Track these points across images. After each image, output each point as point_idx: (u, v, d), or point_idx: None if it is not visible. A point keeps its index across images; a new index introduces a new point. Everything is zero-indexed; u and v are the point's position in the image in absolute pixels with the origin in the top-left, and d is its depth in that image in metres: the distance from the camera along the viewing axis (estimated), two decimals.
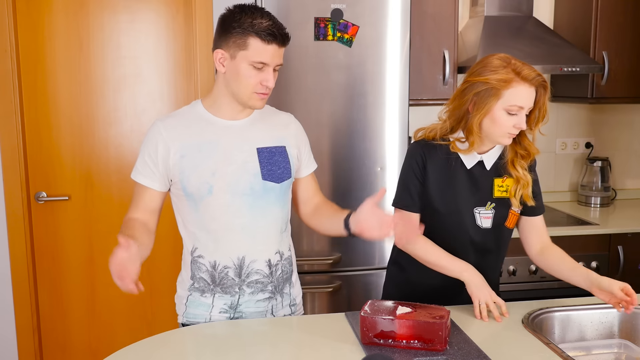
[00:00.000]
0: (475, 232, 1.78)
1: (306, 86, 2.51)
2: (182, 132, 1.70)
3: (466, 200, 1.77)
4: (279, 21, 1.66)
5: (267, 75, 1.64)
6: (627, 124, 3.45)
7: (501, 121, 1.66)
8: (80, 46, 2.76)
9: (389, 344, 1.51)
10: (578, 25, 3.11)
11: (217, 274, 1.73)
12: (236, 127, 1.73)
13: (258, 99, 1.67)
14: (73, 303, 2.89)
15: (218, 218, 1.70)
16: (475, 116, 1.68)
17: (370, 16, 2.50)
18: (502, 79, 1.63)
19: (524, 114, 1.65)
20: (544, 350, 1.51)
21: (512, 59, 1.67)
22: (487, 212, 1.78)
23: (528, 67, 1.65)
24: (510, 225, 1.81)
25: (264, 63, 1.63)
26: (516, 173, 1.75)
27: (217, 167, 1.68)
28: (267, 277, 1.76)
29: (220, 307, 1.75)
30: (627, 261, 2.82)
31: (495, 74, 1.64)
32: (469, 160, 1.76)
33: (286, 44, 1.67)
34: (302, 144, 1.84)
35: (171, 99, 2.87)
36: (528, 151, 1.76)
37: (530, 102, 1.65)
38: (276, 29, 1.63)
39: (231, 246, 1.72)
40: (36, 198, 2.80)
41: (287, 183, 1.78)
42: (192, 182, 1.67)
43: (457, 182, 1.76)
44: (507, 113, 1.65)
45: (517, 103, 1.63)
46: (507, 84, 1.63)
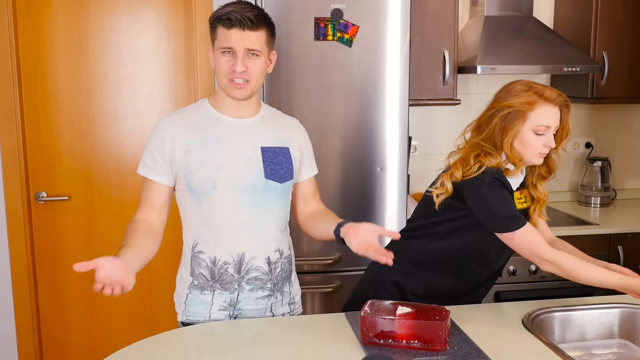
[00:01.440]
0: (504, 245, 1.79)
1: (306, 86, 2.51)
2: (188, 127, 1.73)
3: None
4: (249, 6, 1.67)
5: (235, 59, 1.66)
6: (627, 124, 3.45)
7: (531, 142, 1.73)
8: (80, 46, 2.76)
9: (389, 344, 1.51)
10: (578, 25, 3.11)
11: (216, 269, 1.74)
12: (242, 125, 1.76)
13: (234, 87, 1.69)
14: (73, 303, 2.89)
15: (220, 214, 1.72)
16: (504, 139, 1.74)
17: (370, 16, 2.50)
18: (526, 101, 1.71)
19: (551, 133, 1.73)
20: (544, 350, 1.51)
21: (533, 83, 1.75)
22: None
23: (549, 88, 1.74)
24: None
25: (229, 47, 1.66)
26: (537, 194, 1.84)
27: (221, 163, 1.70)
28: (267, 275, 1.77)
29: (219, 304, 1.76)
30: (627, 261, 2.82)
31: (518, 97, 1.73)
32: (515, 183, 1.81)
33: (252, 28, 1.66)
34: (304, 148, 1.86)
35: (171, 99, 2.87)
36: (550, 170, 1.84)
37: (556, 121, 1.73)
38: (236, 13, 1.65)
39: (231, 242, 1.73)
40: (36, 198, 2.80)
41: (289, 184, 1.79)
42: (197, 177, 1.70)
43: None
44: (535, 134, 1.73)
45: (544, 123, 1.71)
46: (532, 105, 1.71)
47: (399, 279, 1.91)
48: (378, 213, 2.61)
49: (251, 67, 1.68)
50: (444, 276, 1.86)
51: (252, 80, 1.70)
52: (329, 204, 2.57)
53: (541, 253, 1.68)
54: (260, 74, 1.71)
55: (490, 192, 1.73)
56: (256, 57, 1.69)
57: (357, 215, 2.60)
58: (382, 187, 2.61)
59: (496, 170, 1.74)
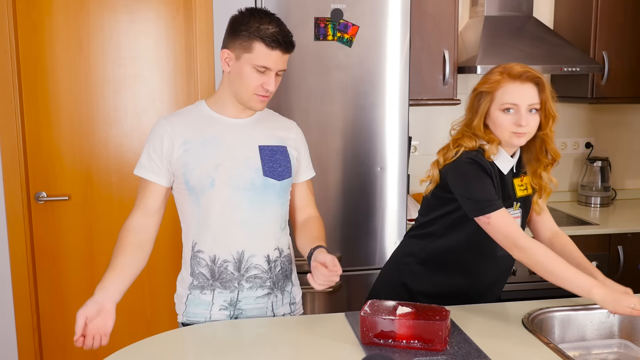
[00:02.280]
0: None
1: (306, 86, 2.51)
2: (186, 128, 1.74)
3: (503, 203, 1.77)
4: (286, 28, 1.69)
5: (268, 79, 1.69)
6: (627, 124, 3.45)
7: (500, 121, 1.72)
8: (80, 46, 2.76)
9: (389, 344, 1.51)
10: (578, 25, 3.11)
11: (216, 268, 1.74)
12: (239, 125, 1.78)
13: (258, 100, 1.72)
14: (73, 303, 2.89)
15: (218, 212, 1.72)
16: (474, 120, 1.76)
17: (370, 16, 2.50)
18: (493, 80, 1.72)
19: (522, 112, 1.69)
20: (544, 350, 1.51)
21: (508, 64, 1.74)
22: (515, 212, 1.81)
23: (520, 65, 1.71)
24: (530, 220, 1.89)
25: (267, 67, 1.67)
26: (541, 183, 1.82)
27: (219, 161, 1.71)
28: (266, 273, 1.77)
29: (220, 304, 1.76)
30: (627, 261, 2.82)
31: (488, 79, 1.74)
32: (506, 166, 1.79)
33: (290, 51, 1.71)
34: (301, 149, 1.87)
35: (171, 99, 2.87)
36: (553, 158, 1.80)
37: (525, 99, 1.69)
38: (281, 36, 1.66)
39: (230, 240, 1.74)
40: (36, 198, 2.80)
41: (287, 182, 1.80)
42: (195, 175, 1.70)
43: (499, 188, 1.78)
44: (503, 113, 1.71)
45: (509, 100, 1.70)
46: (498, 84, 1.71)
47: (406, 280, 1.92)
48: (378, 213, 2.62)
49: (275, 86, 1.72)
50: (450, 273, 1.87)
51: (271, 96, 1.74)
52: (329, 204, 2.58)
53: (515, 238, 1.64)
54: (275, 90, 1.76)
55: (465, 174, 1.73)
56: (279, 75, 1.73)
57: (357, 215, 2.60)
58: (382, 187, 2.61)
59: (474, 153, 1.75)
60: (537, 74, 1.71)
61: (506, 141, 1.75)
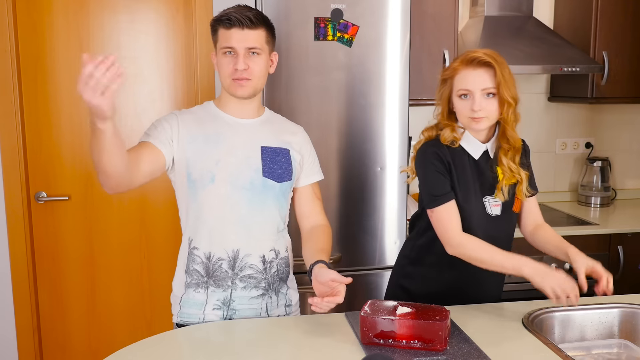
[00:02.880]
0: (487, 220, 1.80)
1: (306, 86, 2.51)
2: (193, 123, 1.77)
3: (477, 190, 1.80)
4: (248, 7, 1.73)
5: (236, 59, 1.70)
6: (627, 124, 3.45)
7: (458, 107, 1.75)
8: (80, 46, 2.75)
9: (389, 344, 1.51)
10: (578, 25, 3.11)
11: (211, 265, 1.75)
12: (244, 125, 1.80)
13: (237, 85, 1.73)
14: (73, 303, 2.89)
15: (216, 208, 1.73)
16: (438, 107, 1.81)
17: (370, 16, 2.50)
18: (451, 68, 1.76)
19: (477, 97, 1.70)
20: (544, 350, 1.51)
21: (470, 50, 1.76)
22: (495, 200, 1.80)
23: (475, 51, 1.73)
24: (517, 210, 1.86)
25: (230, 47, 1.70)
26: (502, 167, 1.79)
27: (220, 156, 1.73)
28: (261, 273, 1.77)
29: (213, 303, 1.76)
30: (627, 261, 2.82)
31: (448, 68, 1.78)
32: (475, 151, 1.79)
33: (251, 27, 1.70)
34: (305, 153, 1.86)
35: (171, 99, 2.87)
36: (510, 144, 1.77)
37: (476, 84, 1.70)
38: (235, 13, 1.69)
39: (226, 238, 1.74)
40: (36, 198, 2.80)
41: (287, 185, 1.79)
42: (197, 169, 1.72)
43: (466, 174, 1.79)
44: (460, 99, 1.73)
45: (462, 86, 1.72)
46: (455, 71, 1.74)
47: (403, 282, 1.93)
48: (378, 213, 2.61)
49: (252, 66, 1.71)
50: (438, 269, 1.86)
51: (254, 79, 1.73)
52: (329, 204, 2.58)
53: (449, 237, 1.72)
54: (261, 73, 1.75)
55: (419, 166, 1.80)
56: (257, 55, 1.72)
57: (357, 215, 2.60)
58: (382, 187, 2.61)
59: (432, 142, 1.79)
60: (489, 59, 1.69)
61: (467, 126, 1.77)
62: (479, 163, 1.80)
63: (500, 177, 1.78)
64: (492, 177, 1.80)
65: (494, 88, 1.69)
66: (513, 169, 1.78)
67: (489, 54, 1.71)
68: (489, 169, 1.80)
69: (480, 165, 1.80)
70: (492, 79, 1.69)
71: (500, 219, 1.82)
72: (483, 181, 1.79)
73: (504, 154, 1.78)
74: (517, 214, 1.88)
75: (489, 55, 1.70)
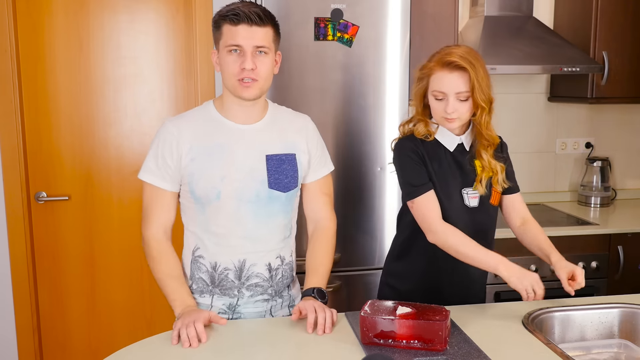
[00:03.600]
0: (465, 212, 1.82)
1: (306, 86, 2.51)
2: (192, 132, 1.68)
3: (454, 182, 1.81)
4: (255, 4, 1.64)
5: (244, 58, 1.60)
6: (627, 124, 3.45)
7: (433, 107, 1.76)
8: (80, 46, 2.76)
9: (389, 344, 1.51)
10: (578, 25, 3.11)
11: (217, 275, 1.73)
12: (247, 132, 1.71)
13: (243, 87, 1.63)
14: (73, 303, 2.89)
15: (222, 223, 1.69)
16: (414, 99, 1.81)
17: (370, 16, 2.50)
18: (428, 67, 1.76)
19: (451, 100, 1.71)
20: (544, 350, 1.51)
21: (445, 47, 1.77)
22: (474, 192, 1.82)
23: (452, 54, 1.71)
24: (495, 203, 1.86)
25: (237, 45, 1.60)
26: (482, 161, 1.81)
27: (225, 172, 1.67)
28: (267, 281, 1.76)
29: (219, 307, 1.75)
30: (627, 261, 2.82)
31: (425, 66, 1.77)
32: (450, 144, 1.82)
33: (259, 24, 1.61)
34: (313, 149, 1.81)
35: (171, 99, 2.87)
36: (489, 141, 1.80)
37: (451, 88, 1.70)
38: (243, 8, 1.59)
39: (233, 249, 1.71)
40: (36, 198, 2.80)
41: (293, 192, 1.76)
42: (201, 186, 1.66)
43: (443, 167, 1.81)
44: (435, 99, 1.74)
45: (437, 89, 1.73)
46: (431, 70, 1.74)
47: (389, 280, 1.96)
48: (378, 213, 2.61)
49: (259, 66, 1.62)
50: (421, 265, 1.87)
51: (261, 79, 1.64)
52: None
53: (429, 223, 1.74)
54: (268, 73, 1.66)
55: (395, 160, 1.82)
56: (264, 55, 1.63)
57: (357, 215, 2.60)
58: (381, 188, 2.61)
59: (408, 137, 1.82)
60: (464, 63, 1.68)
61: (440, 124, 1.79)
62: (455, 155, 1.82)
63: (479, 171, 1.81)
64: (469, 169, 1.82)
65: (468, 92, 1.70)
66: (492, 163, 1.80)
67: (465, 56, 1.69)
68: (466, 161, 1.82)
69: (456, 158, 1.82)
70: (466, 83, 1.70)
71: (478, 210, 1.83)
72: (460, 173, 1.81)
73: (484, 149, 1.80)
74: (496, 207, 1.89)
75: (464, 59, 1.69)
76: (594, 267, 2.80)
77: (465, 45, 1.79)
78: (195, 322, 1.52)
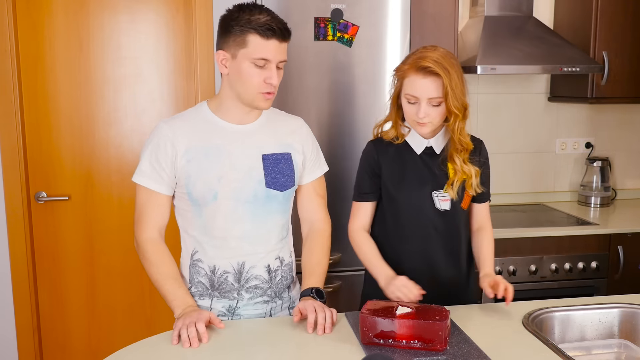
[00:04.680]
0: (435, 215, 1.82)
1: (306, 86, 2.51)
2: (188, 134, 1.67)
3: (423, 185, 1.81)
4: (278, 16, 1.63)
5: (270, 72, 1.61)
6: (627, 124, 3.45)
7: (406, 109, 1.76)
8: (80, 46, 2.76)
9: (389, 344, 1.51)
10: (578, 25, 3.11)
11: (216, 278, 1.72)
12: (243, 132, 1.71)
13: (263, 99, 1.64)
14: (73, 303, 2.89)
15: (220, 224, 1.69)
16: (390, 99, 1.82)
17: (370, 16, 2.50)
18: (403, 69, 1.74)
19: (423, 105, 1.70)
20: (544, 350, 1.51)
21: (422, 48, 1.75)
22: (444, 195, 1.81)
23: (427, 58, 1.69)
24: (465, 206, 1.86)
25: (266, 60, 1.59)
26: (454, 165, 1.80)
27: (222, 173, 1.66)
28: (267, 283, 1.76)
29: (218, 309, 1.75)
30: (627, 261, 2.82)
31: (400, 68, 1.76)
32: (418, 146, 1.83)
33: (287, 39, 1.63)
34: (308, 150, 1.81)
35: (171, 99, 2.87)
36: (464, 147, 1.80)
37: (423, 93, 1.70)
38: (275, 24, 1.59)
39: (231, 252, 1.71)
40: (36, 198, 2.80)
41: (290, 191, 1.77)
42: (198, 188, 1.66)
43: (411, 169, 1.82)
44: (407, 102, 1.74)
45: (410, 92, 1.72)
46: (405, 73, 1.73)
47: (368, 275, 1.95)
48: None
49: (278, 79, 1.65)
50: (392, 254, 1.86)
51: (276, 91, 1.67)
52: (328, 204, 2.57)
53: (349, 228, 1.88)
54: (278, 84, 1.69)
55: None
56: (281, 68, 1.66)
57: None
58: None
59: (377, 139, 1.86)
60: (437, 69, 1.67)
61: (412, 127, 1.81)
62: (424, 158, 1.82)
63: (451, 175, 1.80)
64: (440, 172, 1.81)
65: (441, 98, 1.70)
66: (465, 169, 1.80)
67: (440, 61, 1.68)
68: (437, 164, 1.82)
69: (425, 161, 1.82)
70: (439, 89, 1.69)
71: (450, 214, 1.83)
72: (430, 176, 1.81)
73: (457, 153, 1.79)
74: (466, 211, 1.88)
75: (438, 64, 1.67)
76: (594, 267, 2.80)
77: (443, 48, 1.76)
78: (197, 323, 1.52)
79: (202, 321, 1.53)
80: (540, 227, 2.85)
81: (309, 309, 1.60)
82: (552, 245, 2.77)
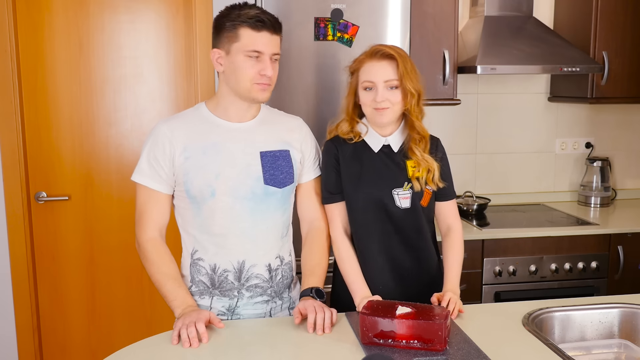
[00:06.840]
0: (396, 213, 1.81)
1: (306, 86, 2.51)
2: (186, 133, 1.69)
3: (382, 183, 1.81)
4: (268, 11, 1.67)
5: (263, 64, 1.64)
6: (627, 124, 3.45)
7: (362, 99, 1.79)
8: (80, 46, 2.76)
9: (388, 344, 1.51)
10: (578, 25, 3.11)
11: (216, 277, 1.72)
12: (241, 130, 1.73)
13: (259, 89, 1.67)
14: (73, 303, 2.89)
15: (219, 221, 1.70)
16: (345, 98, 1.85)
17: (370, 16, 2.50)
18: (357, 61, 1.80)
19: (380, 89, 1.74)
20: (544, 350, 1.51)
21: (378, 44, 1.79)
22: (404, 192, 1.81)
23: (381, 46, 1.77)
24: (424, 204, 1.85)
25: (259, 51, 1.63)
26: (415, 157, 1.81)
27: (220, 170, 1.67)
28: (267, 282, 1.76)
29: (218, 309, 1.75)
30: (627, 261, 2.82)
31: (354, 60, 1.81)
32: (375, 144, 1.84)
33: (279, 32, 1.67)
34: (306, 149, 1.83)
35: (171, 99, 2.87)
36: (420, 134, 1.82)
37: (379, 76, 1.74)
38: (265, 16, 1.63)
39: (231, 250, 1.71)
40: (36, 198, 2.80)
41: (289, 188, 1.77)
42: (196, 185, 1.67)
43: (369, 167, 1.82)
44: (365, 91, 1.77)
45: (366, 78, 1.76)
46: (360, 63, 1.78)
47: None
48: None
49: (273, 72, 1.68)
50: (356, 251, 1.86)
51: (273, 84, 1.70)
52: None
53: (332, 235, 1.84)
54: (276, 78, 1.71)
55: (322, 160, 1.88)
56: (275, 61, 1.69)
57: None
58: None
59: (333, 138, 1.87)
60: (391, 51, 1.74)
61: (371, 119, 1.81)
62: (382, 157, 1.82)
63: (410, 172, 1.81)
64: (399, 170, 1.82)
65: (397, 80, 1.74)
66: (426, 158, 1.81)
67: (393, 47, 1.76)
68: (396, 162, 1.82)
69: (383, 159, 1.82)
70: (394, 71, 1.74)
71: (410, 212, 1.82)
72: (389, 174, 1.82)
73: (415, 144, 1.81)
74: (426, 208, 1.86)
75: (392, 49, 1.75)
76: (594, 267, 2.80)
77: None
78: (197, 323, 1.53)
79: (202, 321, 1.54)
80: (540, 227, 2.85)
81: (309, 309, 1.61)
82: (552, 245, 2.77)
